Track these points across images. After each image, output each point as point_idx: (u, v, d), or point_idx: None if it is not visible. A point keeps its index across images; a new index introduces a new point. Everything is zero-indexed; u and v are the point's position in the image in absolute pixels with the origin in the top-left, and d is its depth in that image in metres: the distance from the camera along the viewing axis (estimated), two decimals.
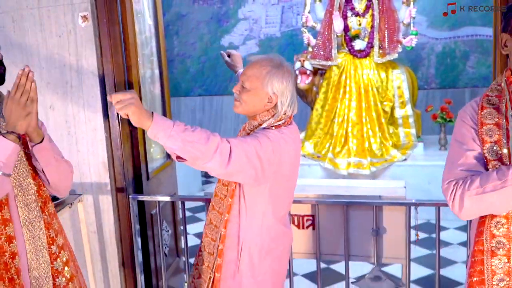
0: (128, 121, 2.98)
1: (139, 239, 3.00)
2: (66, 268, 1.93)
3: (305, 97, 5.48)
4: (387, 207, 2.67)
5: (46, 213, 1.90)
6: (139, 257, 3.00)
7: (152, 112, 1.70)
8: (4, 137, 1.68)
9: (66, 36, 2.87)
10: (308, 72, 5.18)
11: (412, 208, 2.55)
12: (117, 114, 2.92)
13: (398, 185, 2.93)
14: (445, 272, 3.75)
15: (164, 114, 3.54)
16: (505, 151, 1.55)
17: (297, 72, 5.20)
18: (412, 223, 2.58)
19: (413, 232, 2.62)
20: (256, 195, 1.98)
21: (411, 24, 4.98)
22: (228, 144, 1.77)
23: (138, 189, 3.09)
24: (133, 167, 3.07)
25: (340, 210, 2.71)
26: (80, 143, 2.95)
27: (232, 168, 1.78)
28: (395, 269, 3.67)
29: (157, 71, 3.49)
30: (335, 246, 2.77)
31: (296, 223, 2.85)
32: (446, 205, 2.26)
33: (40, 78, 2.92)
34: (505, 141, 1.55)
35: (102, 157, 2.94)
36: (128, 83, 2.97)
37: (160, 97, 3.51)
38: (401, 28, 5.05)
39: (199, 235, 4.77)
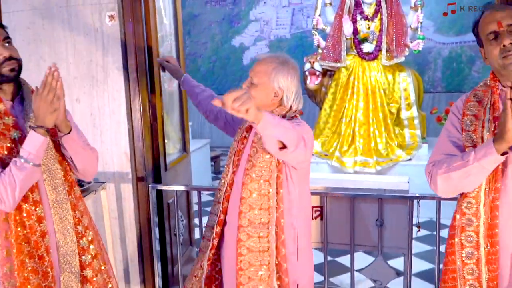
0: (151, 114, 3.18)
1: (156, 229, 3.18)
2: (91, 246, 2.06)
3: (314, 97, 5.65)
4: (391, 200, 2.84)
5: (72, 195, 2.03)
6: (156, 246, 3.18)
7: None
8: (34, 130, 1.81)
9: (93, 33, 3.06)
10: (317, 73, 5.35)
11: (415, 201, 2.73)
12: (140, 108, 3.11)
13: (402, 180, 3.10)
14: None
15: (182, 110, 3.73)
16: (479, 139, 1.76)
17: (306, 73, 5.38)
18: (414, 216, 2.76)
19: (415, 225, 2.80)
20: (299, 181, 2.13)
21: (419, 29, 5.14)
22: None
23: (157, 179, 3.28)
24: (152, 158, 3.26)
25: (347, 202, 2.88)
26: (104, 134, 3.14)
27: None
28: (398, 263, 3.84)
29: None
30: (341, 236, 2.94)
31: None
32: (446, 199, 2.46)
33: (67, 73, 3.11)
34: (481, 130, 1.75)
35: (125, 148, 3.13)
36: (150, 79, 3.16)
37: (178, 93, 3.69)
38: (409, 32, 5.21)
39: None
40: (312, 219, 3.00)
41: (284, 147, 1.93)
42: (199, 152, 6.05)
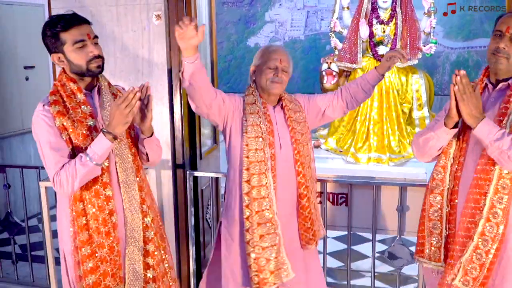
0: (188, 107, 3.46)
1: (192, 214, 3.46)
2: (153, 225, 2.29)
3: None
4: (410, 188, 3.13)
5: (139, 178, 2.27)
6: (192, 232, 3.45)
7: None
8: (104, 135, 2.02)
9: (140, 31, 3.34)
10: (334, 73, 5.63)
11: None
12: (181, 101, 3.39)
13: (420, 171, 3.39)
14: None
15: None
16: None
17: (324, 73, 5.66)
18: None
19: None
20: None
21: (431, 33, 5.43)
22: None
23: (193, 167, 3.56)
24: (190, 147, 3.54)
25: (370, 190, 3.17)
26: None
27: None
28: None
29: (209, 65, 3.97)
30: (364, 220, 3.23)
31: (331, 200, 3.32)
32: None
33: (114, 66, 3.39)
34: None
35: (166, 137, 3.41)
36: None
37: None
38: (422, 37, 5.49)
39: None
40: (338, 205, 3.29)
41: None
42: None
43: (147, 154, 2.29)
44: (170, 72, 3.36)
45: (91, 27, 2.17)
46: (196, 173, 3.45)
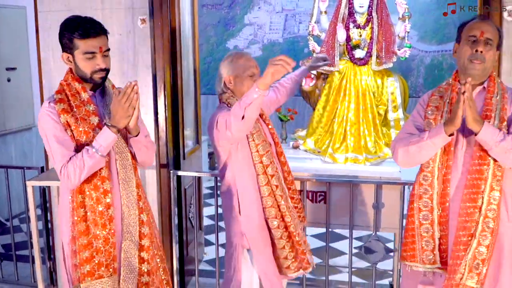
0: (172, 108, 3.56)
1: (176, 213, 3.56)
2: (148, 221, 2.40)
3: (309, 98, 6.07)
4: (386, 186, 3.29)
5: (137, 176, 2.39)
6: (175, 230, 3.55)
7: None
8: (108, 128, 2.16)
9: (125, 34, 3.44)
10: (312, 76, 5.77)
11: (406, 187, 3.18)
12: (165, 102, 3.49)
13: (395, 170, 3.55)
14: None
15: (196, 106, 4.12)
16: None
17: None
18: (405, 200, 3.20)
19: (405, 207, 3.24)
20: None
21: (406, 38, 5.60)
22: None
23: (177, 167, 3.66)
24: (173, 147, 3.64)
25: (347, 187, 3.31)
26: None
27: None
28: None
29: (192, 68, 4.07)
30: (341, 217, 3.37)
31: (310, 198, 3.46)
32: None
33: None
34: (439, 119, 2.26)
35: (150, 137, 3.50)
36: (173, 77, 3.55)
37: (193, 90, 4.09)
38: (397, 41, 5.67)
39: (211, 217, 5.34)
40: (317, 202, 3.43)
41: None
42: None
43: (134, 153, 2.39)
44: (154, 74, 3.46)
45: (106, 40, 2.25)
46: (180, 173, 3.55)
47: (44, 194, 3.85)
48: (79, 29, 2.18)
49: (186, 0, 3.91)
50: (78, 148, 2.19)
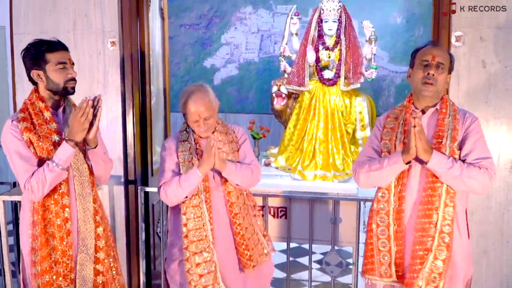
0: (140, 127, 3.69)
1: (143, 228, 3.67)
2: (104, 234, 2.53)
3: (280, 117, 6.25)
4: (343, 202, 3.44)
5: (94, 191, 2.53)
6: (142, 246, 3.65)
7: None
8: (66, 142, 2.30)
9: (96, 56, 3.58)
10: (283, 95, 5.94)
11: (362, 202, 3.34)
12: (133, 120, 3.63)
13: (352, 187, 3.71)
14: None
15: (165, 123, 4.26)
16: (392, 147, 2.40)
17: (274, 95, 5.97)
18: (362, 215, 3.36)
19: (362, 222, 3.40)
20: None
21: (372, 60, 5.82)
22: None
23: (144, 183, 3.78)
24: (141, 164, 3.77)
25: (307, 203, 3.46)
26: None
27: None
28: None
29: (161, 89, 4.22)
30: (302, 231, 3.52)
31: (272, 213, 3.60)
32: None
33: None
34: (394, 139, 2.38)
35: (118, 155, 3.63)
36: (142, 96, 3.69)
37: (163, 108, 4.23)
38: (364, 62, 5.88)
39: None
40: (278, 217, 3.57)
41: None
42: None
43: (91, 166, 2.51)
44: (123, 94, 3.60)
45: (69, 54, 2.45)
46: (147, 189, 3.67)
47: (16, 209, 3.93)
48: (47, 44, 2.37)
49: (157, 22, 4.06)
50: (41, 164, 2.31)
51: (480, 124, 2.43)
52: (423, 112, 2.40)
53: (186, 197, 2.55)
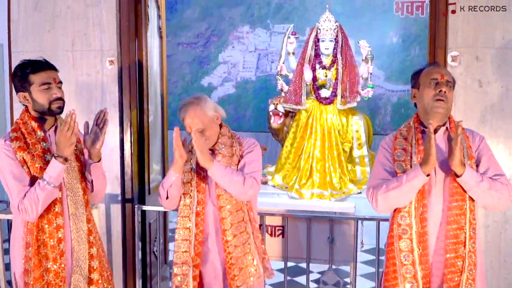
0: (138, 145, 3.70)
1: (140, 247, 3.65)
2: (98, 255, 2.51)
3: (277, 135, 6.27)
4: (340, 221, 3.44)
5: (88, 211, 2.51)
6: (138, 265, 3.63)
7: None
8: (55, 159, 2.27)
9: (94, 75, 3.59)
10: (280, 113, 5.97)
11: (359, 222, 3.34)
12: (131, 139, 3.63)
13: (349, 206, 3.71)
14: None
15: (163, 142, 4.26)
16: (408, 167, 2.34)
17: (271, 113, 6.00)
18: (359, 234, 3.36)
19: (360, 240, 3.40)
20: None
21: (369, 79, 5.86)
22: None
23: (141, 201, 3.78)
24: (138, 183, 3.76)
25: (304, 222, 3.46)
26: None
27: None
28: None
29: (159, 106, 4.23)
30: (299, 251, 3.50)
31: (269, 232, 3.59)
32: (385, 220, 3.06)
33: (69, 106, 3.60)
34: (409, 160, 2.35)
35: (116, 173, 3.63)
36: (140, 115, 3.70)
37: (160, 127, 4.24)
38: (360, 81, 5.92)
39: None
40: (275, 236, 3.56)
41: None
42: None
43: (92, 182, 2.50)
44: (121, 112, 3.60)
45: (57, 74, 2.41)
46: (144, 207, 3.67)
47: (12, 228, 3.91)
48: (31, 65, 2.36)
49: (155, 41, 4.10)
50: (33, 183, 2.30)
51: (487, 142, 2.42)
52: (435, 131, 2.34)
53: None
